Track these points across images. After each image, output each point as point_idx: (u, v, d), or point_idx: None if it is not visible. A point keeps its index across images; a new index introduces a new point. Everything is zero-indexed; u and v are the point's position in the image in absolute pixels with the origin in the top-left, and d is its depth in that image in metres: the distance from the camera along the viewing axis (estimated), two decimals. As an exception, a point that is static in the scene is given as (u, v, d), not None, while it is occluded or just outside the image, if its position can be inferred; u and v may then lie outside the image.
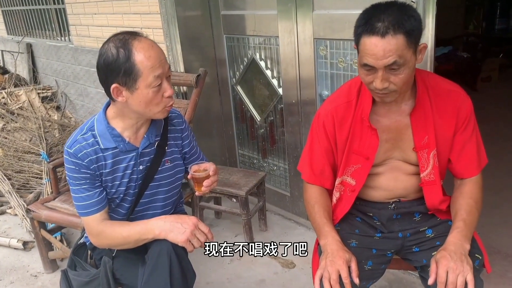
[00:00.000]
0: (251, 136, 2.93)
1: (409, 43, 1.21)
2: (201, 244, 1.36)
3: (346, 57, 2.13)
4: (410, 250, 1.49)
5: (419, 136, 1.41)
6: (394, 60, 1.20)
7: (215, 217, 2.86)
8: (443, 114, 1.39)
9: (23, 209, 2.90)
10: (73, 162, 1.39)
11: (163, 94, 1.34)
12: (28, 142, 3.67)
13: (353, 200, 1.51)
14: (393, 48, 1.19)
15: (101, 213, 1.43)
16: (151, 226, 1.37)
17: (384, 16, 1.19)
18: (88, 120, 1.46)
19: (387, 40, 1.19)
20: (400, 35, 1.19)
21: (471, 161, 1.43)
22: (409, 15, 1.21)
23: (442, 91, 1.40)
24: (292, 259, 2.38)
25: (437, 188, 1.46)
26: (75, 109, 4.42)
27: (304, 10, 2.20)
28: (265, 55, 2.59)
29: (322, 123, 1.48)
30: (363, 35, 1.22)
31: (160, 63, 1.31)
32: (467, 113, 1.39)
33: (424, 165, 1.43)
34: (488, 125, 3.73)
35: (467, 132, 1.41)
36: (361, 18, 1.26)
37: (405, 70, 1.24)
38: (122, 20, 3.07)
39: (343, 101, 1.46)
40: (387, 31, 1.18)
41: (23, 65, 5.00)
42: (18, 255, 2.67)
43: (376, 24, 1.19)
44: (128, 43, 1.28)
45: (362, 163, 1.46)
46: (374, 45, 1.20)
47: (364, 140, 1.44)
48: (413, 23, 1.20)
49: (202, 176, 1.47)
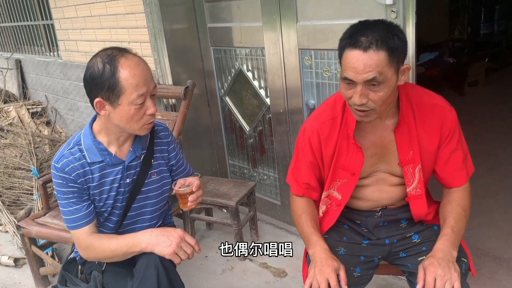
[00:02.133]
0: (240, 146, 2.95)
1: (391, 61, 1.21)
2: (188, 256, 1.37)
3: (330, 67, 2.16)
4: (397, 255, 1.51)
5: (403, 151, 1.42)
6: (374, 76, 1.21)
7: (207, 228, 2.87)
8: (427, 129, 1.40)
9: (14, 225, 2.89)
10: (61, 176, 1.40)
11: (145, 112, 1.36)
12: (18, 158, 3.66)
13: (338, 214, 1.53)
14: (373, 63, 1.20)
15: (89, 226, 1.44)
16: (138, 239, 1.38)
17: (369, 32, 1.21)
18: (75, 134, 1.48)
19: (368, 54, 1.19)
20: (382, 52, 1.20)
21: (458, 171, 1.44)
22: (393, 33, 1.22)
23: (426, 105, 1.40)
24: (283, 267, 2.39)
25: (423, 202, 1.47)
26: (66, 124, 4.42)
27: (288, 21, 2.23)
28: (252, 66, 2.62)
29: (307, 138, 1.49)
30: (346, 48, 1.24)
31: (145, 81, 1.32)
32: (451, 126, 1.40)
33: (410, 180, 1.45)
34: (475, 128, 3.78)
35: (452, 143, 1.42)
36: (346, 32, 1.27)
37: (384, 88, 1.24)
38: (110, 35, 3.10)
39: (329, 117, 1.46)
40: (369, 45, 1.19)
41: (13, 81, 4.99)
42: (10, 272, 2.66)
43: (360, 38, 1.21)
44: (115, 59, 1.30)
45: (348, 178, 1.48)
46: (355, 59, 1.21)
47: (350, 156, 1.45)
48: (396, 42, 1.22)
49: (185, 192, 1.48)
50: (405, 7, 1.73)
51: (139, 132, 1.41)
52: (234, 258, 2.53)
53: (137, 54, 1.37)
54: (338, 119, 1.45)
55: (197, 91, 2.81)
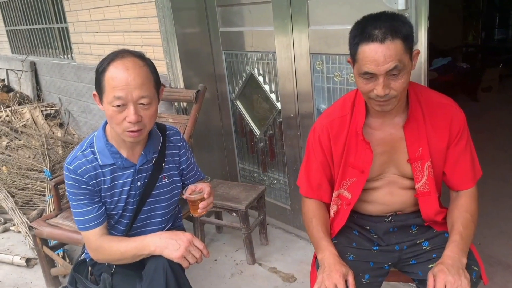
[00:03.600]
0: (251, 150, 2.95)
1: (406, 47, 1.24)
2: (196, 260, 1.37)
3: (342, 71, 2.15)
4: (407, 262, 1.50)
5: (413, 148, 1.42)
6: (395, 64, 1.22)
7: (216, 232, 2.87)
8: (436, 127, 1.41)
9: (26, 226, 2.92)
10: (73, 178, 1.42)
11: (125, 117, 1.33)
12: (31, 160, 3.71)
13: (348, 214, 1.52)
14: (393, 53, 1.21)
15: (100, 227, 1.45)
16: (147, 242, 1.39)
17: (380, 23, 1.22)
18: (88, 136, 1.50)
19: (386, 45, 1.21)
20: (398, 40, 1.21)
21: (466, 173, 1.44)
22: (402, 21, 1.24)
23: (434, 103, 1.41)
24: (292, 273, 2.38)
25: (432, 199, 1.46)
26: (78, 126, 4.47)
27: (300, 26, 2.24)
28: (263, 70, 2.62)
29: (317, 137, 1.50)
30: (361, 44, 1.24)
31: (126, 86, 1.30)
32: (460, 126, 1.40)
33: (419, 176, 1.44)
34: (488, 134, 3.74)
35: (460, 145, 1.42)
36: (355, 29, 1.28)
37: (404, 75, 1.26)
38: (123, 38, 3.13)
39: (338, 115, 1.47)
40: (385, 36, 1.21)
41: (27, 83, 5.07)
42: (21, 272, 2.69)
43: (373, 31, 1.22)
44: (112, 58, 1.33)
45: (357, 176, 1.48)
46: (374, 52, 1.22)
47: (359, 154, 1.45)
48: (407, 29, 1.24)
49: (196, 199, 1.49)
50: (417, 12, 1.72)
51: (123, 136, 1.39)
52: (244, 262, 2.52)
53: (142, 60, 1.35)
54: (347, 117, 1.45)
55: (208, 95, 2.83)
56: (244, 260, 2.54)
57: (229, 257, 2.60)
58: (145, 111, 1.35)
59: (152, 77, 1.37)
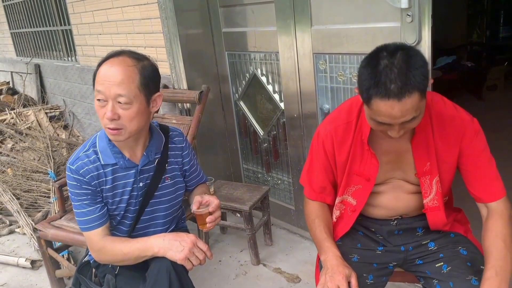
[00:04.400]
0: (254, 151, 2.95)
1: (423, 96, 1.17)
2: (200, 262, 1.37)
3: (345, 71, 2.14)
4: (414, 263, 1.48)
5: (421, 163, 1.38)
6: (412, 116, 1.17)
7: (221, 233, 2.87)
8: (445, 141, 1.35)
9: (31, 228, 2.93)
10: (75, 178, 1.42)
11: (105, 113, 1.34)
12: (36, 162, 3.72)
13: (354, 220, 1.51)
14: (409, 108, 1.15)
15: (102, 228, 1.45)
16: (150, 243, 1.39)
17: (395, 75, 1.13)
18: (91, 137, 1.51)
19: (403, 102, 1.13)
20: (415, 94, 1.14)
21: (491, 183, 1.36)
22: (418, 67, 1.14)
23: (445, 117, 1.35)
24: (297, 273, 2.37)
25: (441, 213, 1.43)
26: (83, 128, 4.48)
27: (302, 26, 2.23)
28: (266, 71, 2.62)
29: (321, 142, 1.47)
30: (376, 98, 1.16)
31: (105, 81, 1.31)
32: (471, 139, 1.34)
33: (427, 191, 1.41)
34: (493, 134, 3.70)
35: (481, 156, 1.35)
36: (368, 77, 1.17)
37: (420, 116, 1.21)
38: (126, 40, 3.13)
39: (343, 121, 1.44)
40: (402, 93, 1.13)
41: (32, 86, 5.09)
42: (27, 274, 2.70)
43: (389, 86, 1.13)
44: (110, 56, 1.37)
45: (363, 184, 1.45)
46: (390, 108, 1.15)
47: (364, 162, 1.42)
48: (423, 75, 1.14)
49: (204, 213, 1.48)
50: (420, 10, 1.71)
51: (107, 132, 1.39)
52: (248, 263, 2.52)
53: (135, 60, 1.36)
54: (352, 124, 1.42)
55: (212, 96, 2.83)
56: (248, 261, 2.54)
57: (233, 258, 2.60)
58: (124, 111, 1.34)
59: (138, 78, 1.34)
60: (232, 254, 2.64)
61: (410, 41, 1.76)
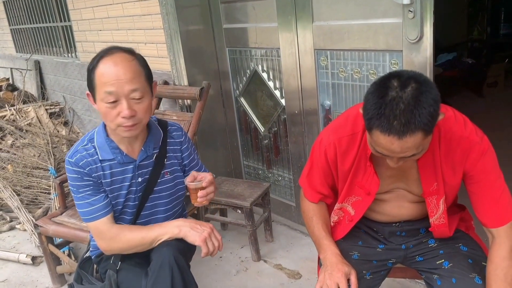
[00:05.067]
0: (255, 147, 2.95)
1: (428, 133, 1.11)
2: (215, 248, 1.41)
3: (346, 67, 2.14)
4: (414, 259, 1.49)
5: (427, 183, 1.34)
6: (412, 153, 1.14)
7: (221, 229, 2.87)
8: (449, 163, 1.31)
9: (32, 224, 2.94)
10: (75, 171, 1.42)
11: (119, 113, 1.33)
12: (36, 158, 3.72)
13: (350, 229, 1.49)
14: (410, 146, 1.11)
15: (109, 216, 1.46)
16: (170, 225, 1.43)
17: (400, 111, 1.07)
18: (89, 132, 1.51)
19: (404, 140, 1.09)
20: (418, 132, 1.09)
21: (490, 209, 1.30)
22: (427, 105, 1.07)
23: (454, 137, 1.28)
24: (297, 269, 2.37)
25: (446, 229, 1.41)
26: (83, 124, 4.48)
27: (304, 22, 2.22)
28: (267, 67, 2.61)
29: (323, 150, 1.42)
30: (376, 129, 1.12)
31: (116, 81, 1.30)
32: (477, 160, 1.27)
33: (434, 211, 1.38)
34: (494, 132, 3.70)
35: (480, 177, 1.30)
36: (372, 106, 1.11)
37: (421, 152, 1.18)
38: (126, 36, 3.13)
39: (348, 133, 1.37)
40: (404, 132, 1.07)
41: (32, 82, 5.08)
42: (27, 270, 2.70)
43: (392, 122, 1.08)
44: (101, 56, 1.33)
45: (363, 196, 1.43)
46: (390, 143, 1.11)
47: (366, 177, 1.39)
48: (431, 114, 1.08)
49: (196, 187, 1.48)
50: (422, 7, 1.70)
51: (118, 132, 1.39)
52: (249, 259, 2.52)
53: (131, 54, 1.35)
54: (358, 135, 1.36)
55: (212, 92, 2.82)
56: (249, 257, 2.54)
57: (234, 254, 2.60)
58: (138, 105, 1.35)
59: (143, 71, 1.37)
60: (233, 250, 2.64)
61: (411, 37, 1.76)
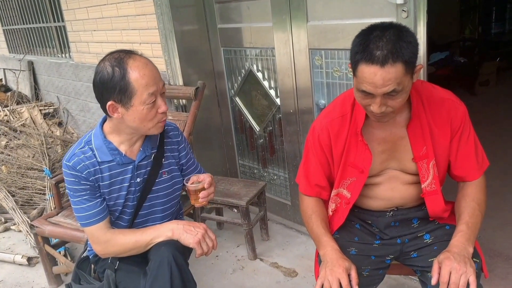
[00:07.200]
0: (250, 147, 2.96)
1: (407, 70, 1.20)
2: (209, 249, 1.42)
3: (341, 66, 2.16)
4: (409, 256, 1.51)
5: (417, 147, 1.41)
6: (393, 88, 1.20)
7: (217, 228, 2.88)
8: (438, 123, 1.40)
9: (27, 225, 2.93)
10: (72, 174, 1.43)
11: (157, 110, 1.39)
12: (31, 159, 3.71)
13: (347, 212, 1.52)
14: (392, 77, 1.18)
15: (104, 222, 1.47)
16: (164, 228, 1.44)
17: (383, 43, 1.17)
18: (86, 134, 1.51)
19: (386, 69, 1.17)
20: (399, 64, 1.17)
21: (470, 165, 1.43)
22: (407, 40, 1.19)
23: (436, 99, 1.40)
24: (294, 267, 2.39)
25: (439, 198, 1.46)
26: (77, 125, 4.46)
27: (298, 22, 2.24)
28: (262, 66, 2.63)
29: (317, 137, 1.49)
30: (361, 63, 1.21)
31: (154, 80, 1.35)
32: (461, 120, 1.39)
33: (425, 176, 1.44)
34: (486, 128, 3.75)
35: (463, 137, 1.41)
36: (358, 44, 1.23)
37: (402, 94, 1.24)
38: (121, 36, 3.13)
39: (338, 115, 1.46)
40: (386, 60, 1.17)
41: (25, 83, 5.06)
42: (23, 271, 2.69)
43: (375, 52, 1.17)
44: (123, 61, 1.32)
45: (357, 176, 1.47)
46: (373, 74, 1.19)
47: (359, 153, 1.44)
48: (412, 50, 1.19)
49: (197, 188, 1.51)
50: (416, 6, 1.72)
51: (153, 131, 1.43)
52: (245, 258, 2.54)
53: (143, 55, 1.40)
54: (347, 116, 1.44)
55: (208, 92, 2.83)
56: (245, 256, 2.55)
57: (230, 253, 2.61)
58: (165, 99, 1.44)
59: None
60: (229, 249, 2.65)
61: (405, 37, 1.78)
